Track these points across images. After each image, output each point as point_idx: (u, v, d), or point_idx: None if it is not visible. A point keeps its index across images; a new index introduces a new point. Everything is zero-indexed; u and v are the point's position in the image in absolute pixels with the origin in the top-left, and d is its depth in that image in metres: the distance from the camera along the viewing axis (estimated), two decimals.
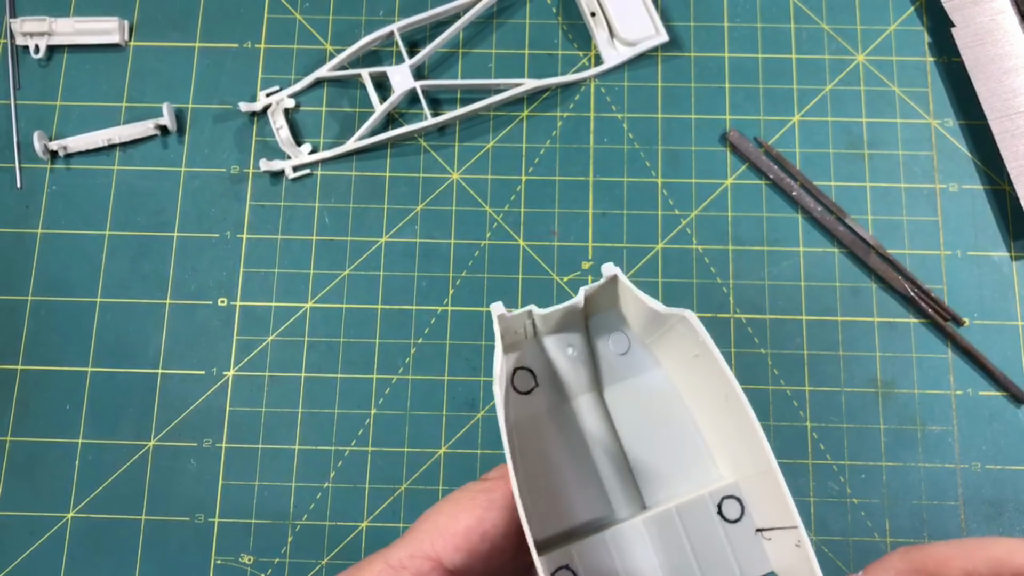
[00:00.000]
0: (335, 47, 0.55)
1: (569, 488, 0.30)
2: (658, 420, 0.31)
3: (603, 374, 0.31)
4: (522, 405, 0.30)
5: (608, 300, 0.30)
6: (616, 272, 0.29)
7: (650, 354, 0.31)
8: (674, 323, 0.28)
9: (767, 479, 0.26)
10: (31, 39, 0.55)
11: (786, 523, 0.26)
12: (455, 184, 0.53)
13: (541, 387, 0.31)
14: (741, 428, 0.27)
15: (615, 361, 0.31)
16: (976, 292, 0.51)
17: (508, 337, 0.30)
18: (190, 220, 0.53)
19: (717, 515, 0.28)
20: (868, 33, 0.55)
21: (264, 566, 0.48)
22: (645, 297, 0.28)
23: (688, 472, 0.30)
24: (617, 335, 0.31)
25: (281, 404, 0.50)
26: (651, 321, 0.29)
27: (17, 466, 0.49)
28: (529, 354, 0.31)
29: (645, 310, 0.28)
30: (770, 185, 0.53)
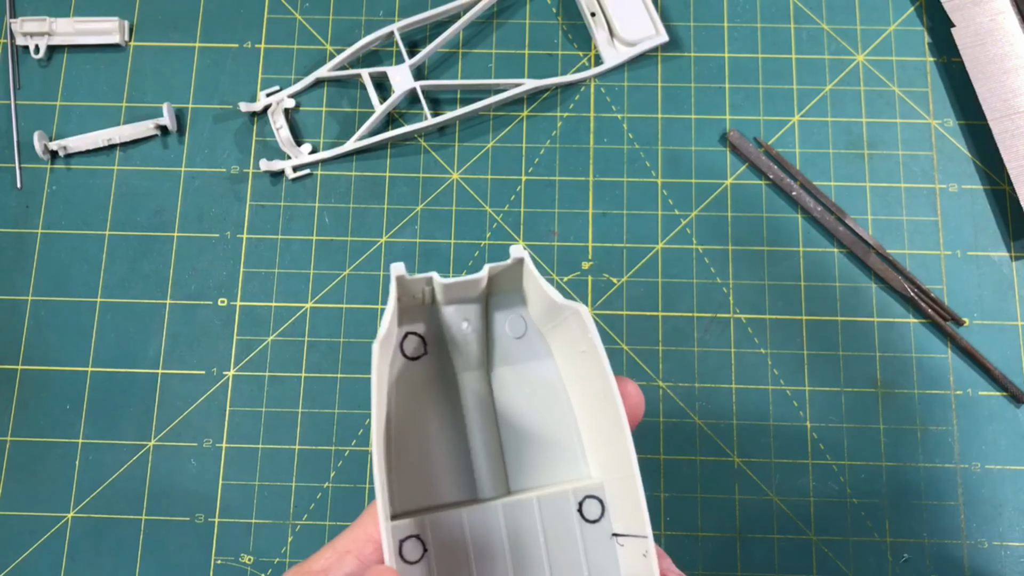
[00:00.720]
0: (335, 47, 0.55)
1: (438, 462, 0.30)
2: (539, 409, 0.31)
3: (494, 354, 0.31)
4: (407, 370, 0.30)
5: (512, 282, 0.30)
6: (524, 255, 0.29)
7: (544, 342, 0.31)
8: (567, 315, 0.28)
9: (628, 485, 0.27)
10: (31, 39, 0.55)
11: (638, 532, 0.26)
12: (455, 184, 0.53)
13: (429, 356, 0.30)
14: (612, 430, 0.27)
15: (509, 343, 0.31)
16: (976, 292, 0.51)
17: (405, 300, 0.29)
18: (190, 220, 0.53)
19: (577, 512, 0.29)
20: (868, 33, 0.55)
21: (264, 566, 0.48)
22: (545, 285, 0.28)
23: (558, 465, 0.30)
24: (515, 318, 0.31)
25: (281, 404, 0.50)
26: (549, 310, 0.29)
27: (17, 466, 0.49)
28: (423, 320, 0.30)
29: (544, 297, 0.29)
30: (770, 185, 0.53)
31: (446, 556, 0.28)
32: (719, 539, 0.48)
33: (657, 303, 0.51)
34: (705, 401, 0.50)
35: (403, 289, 0.28)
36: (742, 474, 0.49)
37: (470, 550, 0.28)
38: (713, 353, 0.50)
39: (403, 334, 0.30)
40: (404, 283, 0.28)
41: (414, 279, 0.28)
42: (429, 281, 0.28)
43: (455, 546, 0.28)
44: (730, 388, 0.50)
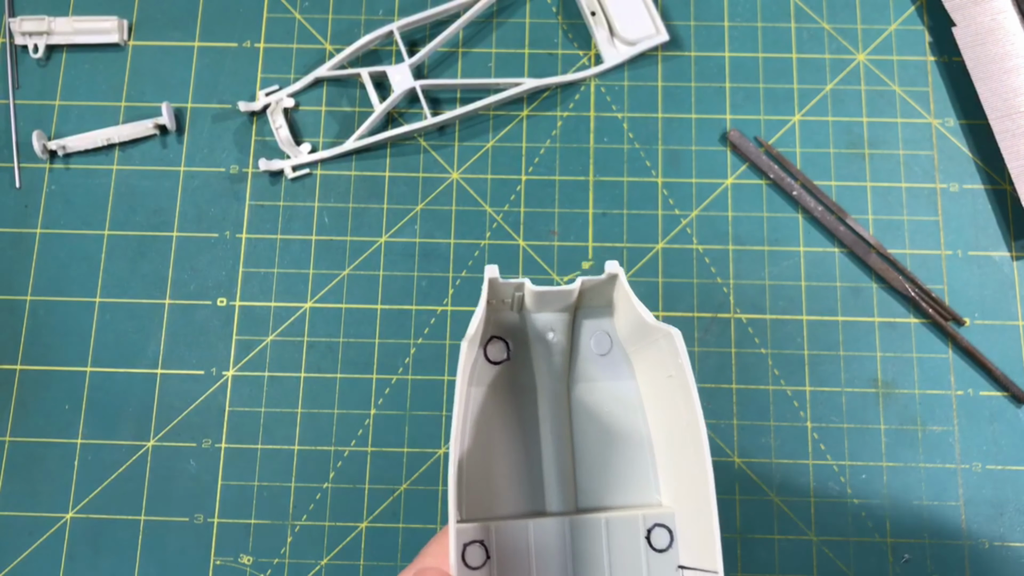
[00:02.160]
0: (335, 46, 0.55)
1: (509, 471, 0.29)
2: (616, 429, 0.30)
3: (576, 369, 0.31)
4: (488, 374, 0.30)
5: (602, 297, 0.30)
6: (618, 272, 0.28)
7: (628, 363, 0.31)
8: (658, 338, 0.28)
9: (702, 519, 0.26)
10: (30, 38, 0.54)
11: (708, 566, 0.26)
12: (455, 184, 0.53)
13: (512, 363, 0.30)
14: (692, 461, 0.26)
15: (592, 360, 0.31)
16: (977, 292, 0.51)
17: (494, 303, 0.29)
18: (189, 220, 0.52)
19: (645, 540, 0.28)
20: (869, 32, 0.55)
21: (263, 566, 0.48)
22: (639, 304, 0.28)
23: (629, 489, 0.30)
24: (601, 335, 0.31)
25: (280, 404, 0.50)
26: (637, 329, 0.29)
27: (16, 466, 0.49)
28: (509, 326, 0.30)
29: (635, 317, 0.28)
30: (770, 185, 0.53)
31: (508, 565, 0.27)
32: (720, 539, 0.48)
33: (657, 303, 0.51)
34: (705, 401, 0.50)
35: (493, 292, 0.28)
36: (742, 474, 0.49)
37: (532, 562, 0.28)
38: (713, 353, 0.50)
39: (488, 337, 0.30)
40: (496, 286, 0.28)
41: (506, 283, 0.28)
42: (520, 287, 0.28)
43: (518, 556, 0.28)
44: (730, 388, 0.50)
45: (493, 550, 0.27)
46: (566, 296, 0.28)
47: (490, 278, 0.27)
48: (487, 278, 0.27)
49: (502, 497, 0.29)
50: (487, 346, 0.30)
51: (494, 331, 0.30)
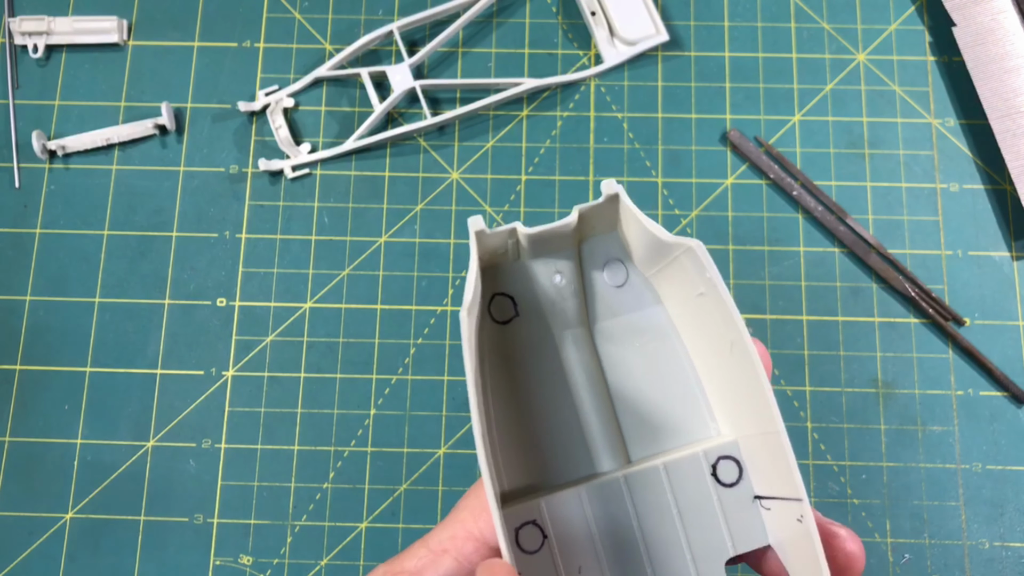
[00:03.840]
0: (334, 46, 0.55)
1: (546, 434, 0.26)
2: (653, 364, 0.27)
3: (595, 308, 0.27)
4: (498, 336, 0.27)
5: (606, 223, 0.27)
6: (618, 190, 0.25)
7: (650, 288, 0.27)
8: (679, 255, 0.24)
9: (771, 441, 0.23)
10: (30, 38, 0.54)
11: (789, 494, 0.23)
12: (455, 184, 0.53)
13: (522, 317, 0.27)
14: (745, 382, 0.23)
15: (609, 294, 0.27)
16: (977, 292, 0.51)
17: (488, 258, 0.26)
18: (189, 220, 0.52)
19: (711, 476, 0.25)
20: (869, 32, 0.55)
21: (263, 567, 0.48)
22: (648, 222, 0.24)
23: (682, 426, 0.27)
24: (614, 264, 0.27)
25: (280, 404, 0.50)
26: (654, 251, 0.25)
27: (15, 466, 0.49)
28: (511, 278, 0.27)
29: (648, 237, 0.25)
30: (770, 185, 0.53)
31: (568, 542, 0.24)
32: None
33: None
34: None
35: (484, 246, 0.25)
36: None
37: (594, 532, 0.24)
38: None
39: (490, 296, 0.27)
40: (484, 239, 0.25)
41: (495, 232, 0.25)
42: (513, 233, 0.25)
43: (577, 529, 0.24)
44: None
45: (548, 529, 0.24)
46: (565, 232, 0.25)
47: (476, 231, 0.24)
48: (472, 232, 0.24)
49: (544, 467, 0.26)
50: (490, 306, 0.27)
51: (495, 288, 0.27)
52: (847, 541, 0.23)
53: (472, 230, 0.24)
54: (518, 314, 0.27)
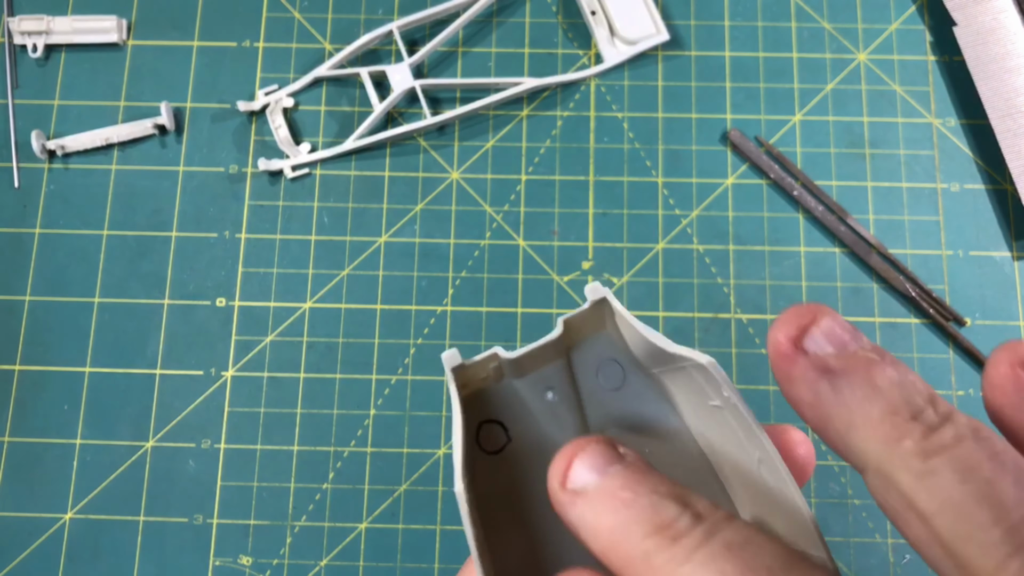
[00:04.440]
0: (334, 46, 0.55)
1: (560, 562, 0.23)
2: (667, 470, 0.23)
3: (592, 415, 0.25)
4: (491, 468, 0.24)
5: (594, 325, 0.25)
6: (605, 294, 0.23)
7: (652, 386, 0.25)
8: (684, 365, 0.22)
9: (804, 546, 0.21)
10: (29, 38, 0.54)
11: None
12: (455, 184, 0.53)
13: (515, 443, 0.24)
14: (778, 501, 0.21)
15: (607, 398, 0.25)
16: (978, 292, 0.51)
17: (469, 386, 0.23)
18: (188, 220, 0.52)
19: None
20: (869, 32, 0.55)
21: (263, 567, 0.48)
22: (647, 330, 0.22)
23: None
24: (608, 365, 0.25)
25: (280, 405, 0.50)
26: (653, 354, 0.23)
27: (14, 467, 0.49)
28: (497, 403, 0.24)
29: (647, 345, 0.23)
30: (771, 185, 0.53)
31: None
32: None
33: (658, 303, 0.51)
34: None
35: (462, 380, 0.23)
36: None
37: None
38: (714, 353, 0.50)
39: (476, 426, 0.24)
40: (462, 373, 0.22)
41: (474, 364, 0.23)
42: (494, 358, 0.23)
43: None
44: None
45: None
46: (551, 348, 0.23)
47: (452, 368, 0.22)
48: (448, 369, 0.22)
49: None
50: (478, 437, 0.24)
51: (481, 416, 0.24)
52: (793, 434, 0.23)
53: (448, 367, 0.22)
54: (510, 439, 0.24)
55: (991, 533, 0.15)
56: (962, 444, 0.16)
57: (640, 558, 0.17)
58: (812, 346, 0.19)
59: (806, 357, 0.19)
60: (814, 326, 0.19)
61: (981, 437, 0.17)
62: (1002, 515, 0.16)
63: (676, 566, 0.17)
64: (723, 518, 0.17)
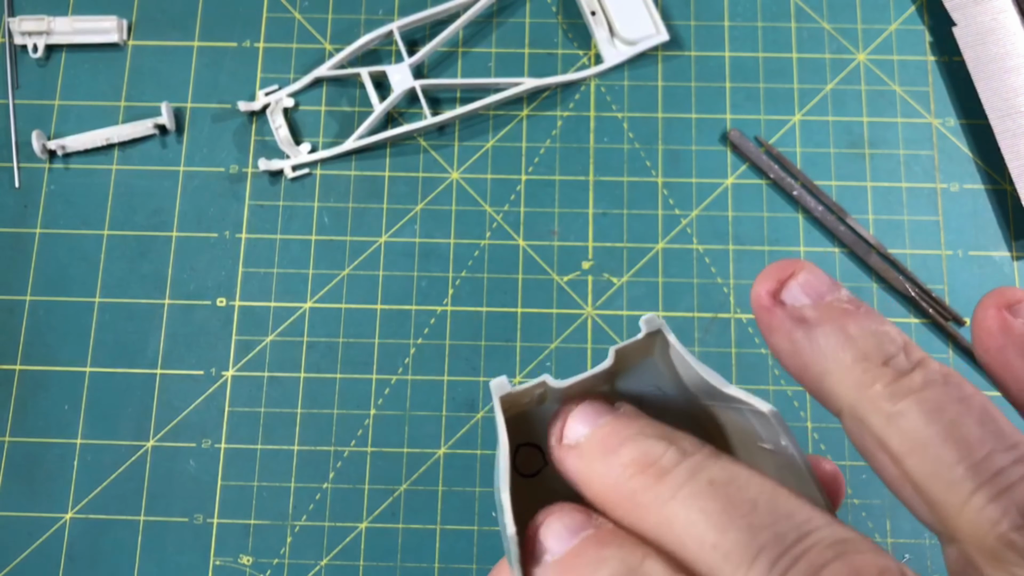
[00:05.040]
0: (334, 46, 0.55)
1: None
2: None
3: None
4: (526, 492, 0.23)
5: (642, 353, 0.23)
6: (660, 326, 0.22)
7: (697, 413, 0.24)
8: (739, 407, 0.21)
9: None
10: (29, 38, 0.54)
11: None
12: (455, 184, 0.53)
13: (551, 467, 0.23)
14: None
15: None
16: (978, 292, 0.51)
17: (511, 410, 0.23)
18: (189, 220, 0.52)
19: None
20: (869, 32, 0.55)
21: (263, 567, 0.48)
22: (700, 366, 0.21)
23: None
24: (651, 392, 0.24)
25: (280, 404, 0.50)
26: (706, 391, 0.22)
27: (15, 467, 0.49)
28: (536, 426, 0.24)
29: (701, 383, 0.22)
30: (771, 185, 0.53)
31: None
32: None
33: (657, 303, 0.51)
34: None
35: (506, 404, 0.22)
36: None
37: None
38: (714, 353, 0.50)
39: (515, 448, 0.24)
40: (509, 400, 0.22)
41: (522, 391, 0.22)
42: (542, 386, 0.22)
43: None
44: None
45: None
46: (601, 378, 0.23)
47: (500, 397, 0.21)
48: (496, 397, 0.21)
49: None
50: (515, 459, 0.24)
51: (519, 439, 0.24)
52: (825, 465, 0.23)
53: (496, 396, 0.21)
54: (546, 463, 0.24)
55: (955, 470, 0.16)
56: (930, 387, 0.17)
57: (628, 498, 0.18)
58: (789, 298, 0.19)
59: (783, 308, 0.19)
60: (792, 279, 0.19)
61: (951, 382, 0.17)
62: (966, 453, 0.16)
63: (661, 504, 0.17)
64: (709, 454, 0.18)
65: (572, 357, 0.50)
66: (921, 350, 0.18)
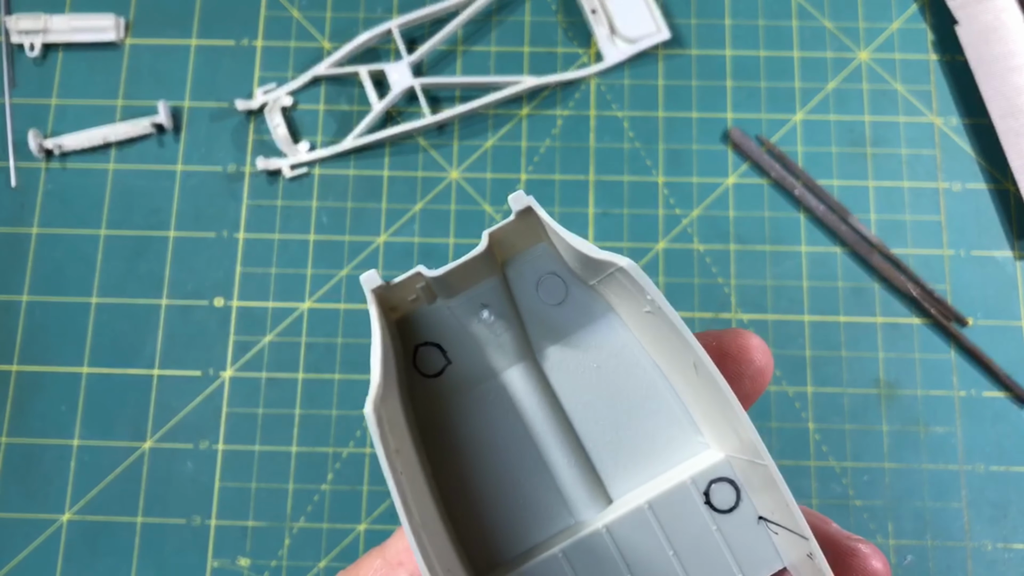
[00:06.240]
0: (333, 44, 0.55)
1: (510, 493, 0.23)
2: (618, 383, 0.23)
3: (536, 334, 0.24)
4: (432, 391, 0.23)
5: (528, 238, 0.23)
6: (529, 202, 0.21)
7: (598, 297, 0.23)
8: (612, 271, 0.21)
9: (761, 472, 0.20)
10: (26, 37, 0.54)
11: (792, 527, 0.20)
12: (454, 183, 0.53)
13: (455, 365, 0.23)
14: (720, 405, 0.21)
15: (550, 315, 0.23)
16: (979, 292, 0.51)
17: (398, 308, 0.23)
18: (186, 219, 0.52)
19: (705, 505, 0.22)
20: (871, 31, 0.55)
21: (261, 568, 0.48)
22: (573, 238, 0.21)
23: (665, 445, 0.23)
24: (549, 279, 0.23)
25: (278, 405, 0.50)
26: (587, 264, 0.22)
27: (12, 468, 0.49)
28: (431, 325, 0.23)
29: (575, 253, 0.21)
30: (772, 184, 0.52)
31: None
32: None
33: None
34: None
35: (386, 301, 0.22)
36: None
37: None
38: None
39: (413, 349, 0.23)
40: (384, 295, 0.22)
41: (397, 284, 0.22)
42: (419, 278, 0.22)
43: None
44: None
45: None
46: (478, 263, 0.22)
47: (372, 289, 0.21)
48: (368, 291, 0.21)
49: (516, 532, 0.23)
50: (415, 359, 0.23)
51: (416, 339, 0.23)
52: (870, 559, 0.21)
53: (367, 288, 0.21)
54: (450, 362, 0.23)
55: None
56: None
57: None
58: None
59: None
60: None
61: None
62: None
63: None
64: None
65: None
66: None
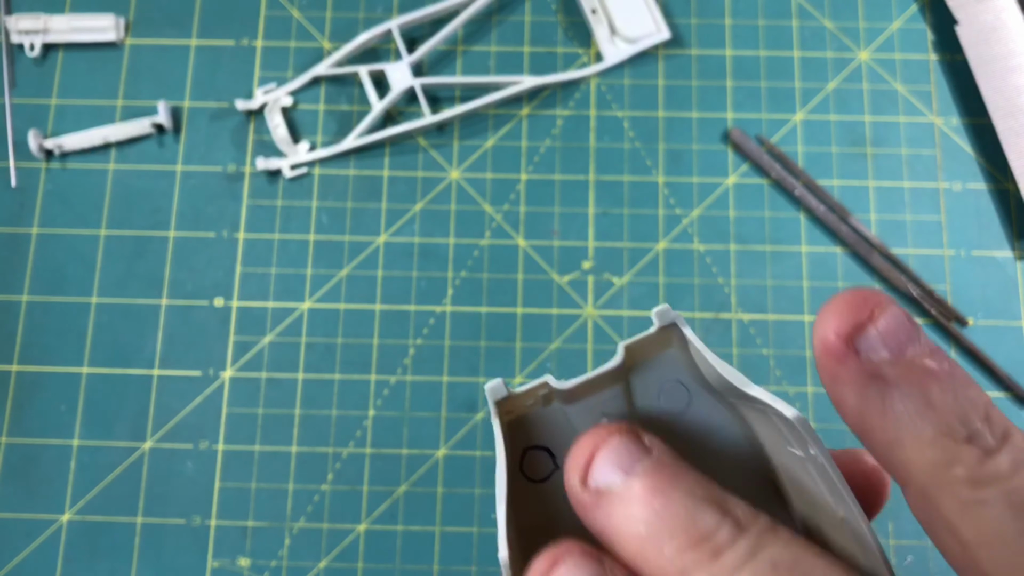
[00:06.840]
0: (333, 44, 0.55)
1: None
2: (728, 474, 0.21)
3: None
4: (535, 498, 0.22)
5: (660, 346, 0.22)
6: (675, 319, 0.20)
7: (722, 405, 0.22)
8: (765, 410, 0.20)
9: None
10: (26, 37, 0.54)
11: None
12: (454, 183, 0.53)
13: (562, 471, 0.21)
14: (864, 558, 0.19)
15: (669, 421, 0.22)
16: (980, 292, 0.51)
17: (513, 412, 0.21)
18: (186, 219, 0.52)
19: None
20: (871, 31, 0.55)
21: (261, 569, 0.47)
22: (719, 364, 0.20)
23: None
24: (673, 387, 0.22)
25: (278, 405, 0.50)
26: (726, 388, 0.21)
27: (11, 468, 0.49)
28: (543, 428, 0.22)
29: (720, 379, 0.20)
30: (772, 184, 0.52)
31: None
32: None
33: (658, 303, 0.51)
34: None
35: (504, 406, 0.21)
36: None
37: None
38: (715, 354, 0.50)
39: (520, 452, 0.22)
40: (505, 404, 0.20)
41: (522, 394, 0.20)
42: (544, 387, 0.21)
43: None
44: None
45: None
46: (609, 375, 0.21)
47: (495, 401, 0.20)
48: (491, 402, 0.20)
49: None
50: (522, 463, 0.22)
51: (526, 443, 0.22)
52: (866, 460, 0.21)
53: (491, 400, 0.20)
54: (558, 467, 0.22)
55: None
56: (1019, 474, 0.15)
57: (676, 574, 0.15)
58: (865, 347, 0.16)
59: (856, 358, 0.17)
60: (870, 323, 0.17)
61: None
62: None
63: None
64: (767, 529, 0.16)
65: (572, 358, 0.50)
66: (1004, 416, 0.16)
